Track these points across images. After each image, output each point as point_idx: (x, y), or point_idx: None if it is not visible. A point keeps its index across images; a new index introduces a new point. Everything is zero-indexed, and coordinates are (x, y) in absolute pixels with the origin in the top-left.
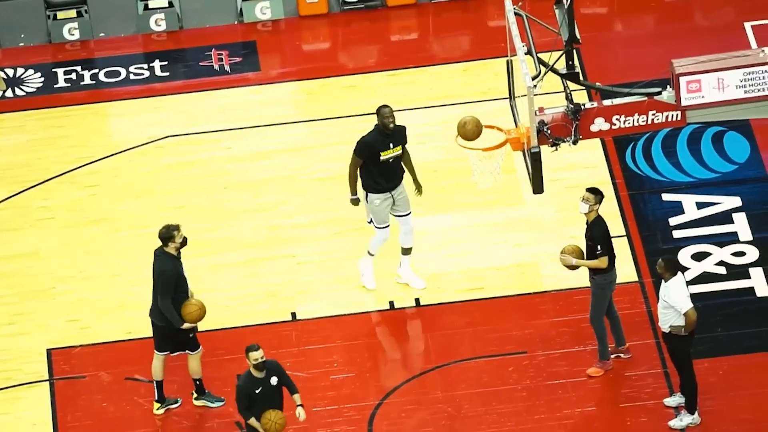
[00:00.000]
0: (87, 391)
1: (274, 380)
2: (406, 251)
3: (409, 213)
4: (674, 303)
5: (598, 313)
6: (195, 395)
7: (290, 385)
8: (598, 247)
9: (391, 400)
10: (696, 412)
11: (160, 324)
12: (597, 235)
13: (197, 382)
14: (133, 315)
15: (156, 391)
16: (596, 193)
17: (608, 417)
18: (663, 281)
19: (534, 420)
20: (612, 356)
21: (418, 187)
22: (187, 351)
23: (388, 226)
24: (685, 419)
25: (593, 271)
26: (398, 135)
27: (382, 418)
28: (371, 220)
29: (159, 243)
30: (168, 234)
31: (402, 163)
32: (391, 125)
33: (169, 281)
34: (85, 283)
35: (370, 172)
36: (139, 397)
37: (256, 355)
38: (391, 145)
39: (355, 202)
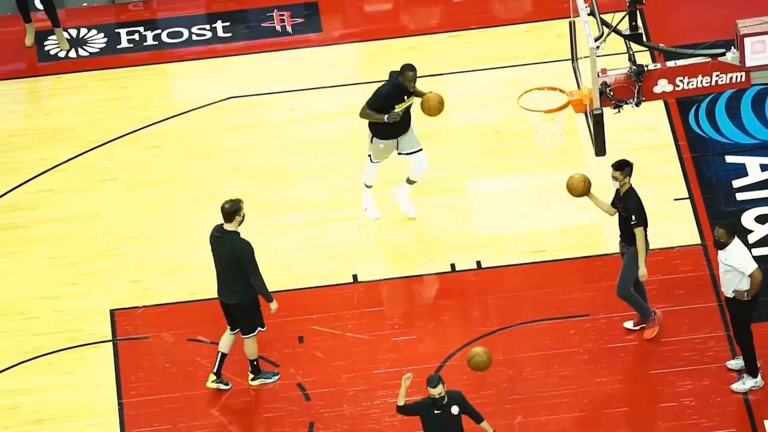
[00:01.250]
0: (150, 352)
1: (455, 410)
2: (411, 182)
3: (420, 149)
4: (739, 265)
5: (627, 284)
6: (251, 376)
7: (474, 415)
8: (633, 217)
9: (452, 362)
10: (759, 375)
11: (243, 301)
12: (631, 205)
13: (254, 363)
14: (196, 276)
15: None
16: (622, 168)
17: (670, 380)
18: (718, 248)
19: (595, 383)
20: (637, 327)
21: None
22: (259, 328)
23: (380, 162)
24: (747, 382)
25: (630, 241)
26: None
27: (444, 381)
28: (370, 154)
29: (220, 203)
30: (235, 206)
31: (409, 111)
32: (411, 89)
33: (253, 257)
34: (148, 244)
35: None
36: (201, 358)
37: (434, 392)
38: (405, 98)
39: (393, 116)
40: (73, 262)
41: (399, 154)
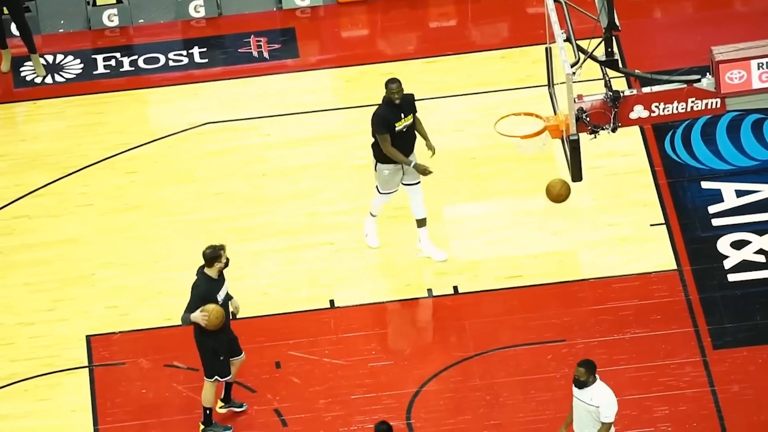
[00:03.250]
0: (126, 378)
1: None
2: (421, 222)
3: (419, 182)
4: (604, 408)
5: None
6: (202, 427)
7: None
8: None
9: (430, 387)
10: None
11: (202, 344)
12: None
13: (207, 412)
14: (172, 301)
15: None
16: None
17: (647, 405)
18: (579, 387)
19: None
20: None
21: (431, 148)
22: (217, 377)
23: (392, 192)
24: None
25: None
26: (407, 104)
27: (421, 406)
28: (377, 186)
29: (197, 228)
30: (214, 254)
31: (415, 131)
32: (397, 101)
33: (195, 299)
34: (125, 270)
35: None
36: (178, 384)
37: None
38: (402, 115)
39: (417, 165)
40: (50, 288)
41: (402, 183)
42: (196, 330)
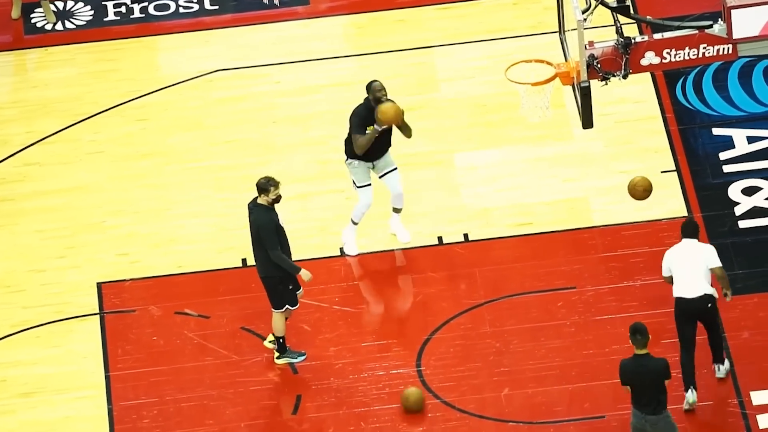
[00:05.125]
0: (137, 325)
1: None
2: (397, 210)
3: (395, 168)
4: (715, 260)
5: None
6: (277, 354)
7: None
8: None
9: (440, 335)
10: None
11: (269, 276)
12: None
13: (280, 341)
14: (183, 249)
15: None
16: None
17: (658, 352)
18: (688, 237)
19: (582, 355)
20: None
21: (408, 132)
22: (288, 306)
23: (370, 185)
24: (724, 365)
25: None
26: None
27: (431, 353)
28: (353, 180)
29: (208, 176)
30: (265, 186)
31: (389, 135)
32: (384, 99)
33: (271, 232)
34: (135, 217)
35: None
36: (188, 331)
37: None
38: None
39: (375, 131)
40: (61, 235)
41: (379, 177)
42: (261, 265)
